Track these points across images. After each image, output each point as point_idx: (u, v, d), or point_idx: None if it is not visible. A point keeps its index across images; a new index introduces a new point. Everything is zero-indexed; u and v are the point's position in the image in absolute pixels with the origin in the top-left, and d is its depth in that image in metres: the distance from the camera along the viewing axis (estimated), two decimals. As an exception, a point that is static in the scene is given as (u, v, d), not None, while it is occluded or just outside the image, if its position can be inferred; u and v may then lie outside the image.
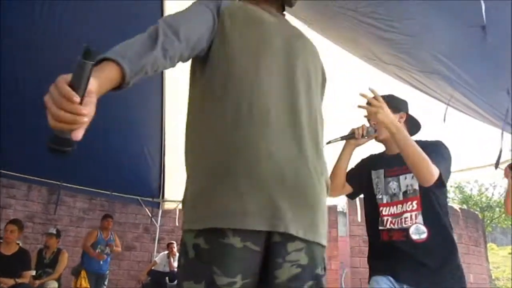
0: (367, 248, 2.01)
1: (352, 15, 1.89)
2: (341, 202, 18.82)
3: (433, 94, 2.46)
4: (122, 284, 7.38)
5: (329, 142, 1.96)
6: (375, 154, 2.12)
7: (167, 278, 6.94)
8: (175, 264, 7.81)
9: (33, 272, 4.88)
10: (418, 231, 1.82)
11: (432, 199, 1.85)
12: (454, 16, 1.69)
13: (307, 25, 2.75)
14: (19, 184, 7.39)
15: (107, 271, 5.88)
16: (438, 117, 2.43)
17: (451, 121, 2.40)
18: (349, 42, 2.59)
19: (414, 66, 2.15)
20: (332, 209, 11.79)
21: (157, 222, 6.52)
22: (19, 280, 4.44)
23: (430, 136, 1.96)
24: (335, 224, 11.12)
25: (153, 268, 7.05)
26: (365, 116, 1.87)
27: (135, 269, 7.63)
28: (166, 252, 7.66)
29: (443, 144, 1.90)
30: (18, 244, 4.75)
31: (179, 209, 5.47)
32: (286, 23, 1.35)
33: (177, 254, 7.99)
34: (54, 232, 5.46)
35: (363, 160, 2.15)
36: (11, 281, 4.37)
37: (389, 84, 2.58)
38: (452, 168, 1.90)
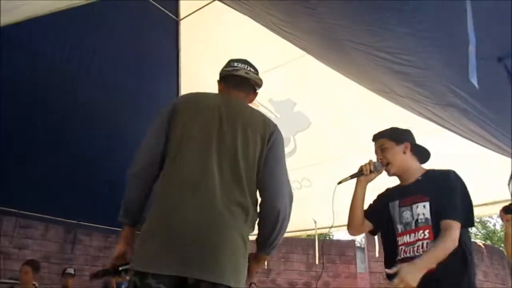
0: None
1: (365, 50, 1.90)
2: (358, 237, 18.41)
3: (449, 127, 2.42)
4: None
5: (340, 182, 2.04)
6: (391, 187, 2.14)
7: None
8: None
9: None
10: None
11: None
12: (467, 48, 1.69)
13: (318, 59, 2.79)
14: (36, 224, 7.42)
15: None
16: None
17: (471, 154, 2.36)
18: (362, 76, 2.60)
19: (429, 99, 2.14)
20: (350, 244, 11.51)
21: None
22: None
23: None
24: (353, 260, 10.84)
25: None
26: None
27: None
28: None
29: (454, 180, 1.90)
30: (34, 285, 4.71)
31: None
32: (236, 104, 1.78)
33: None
34: (73, 272, 5.44)
35: (379, 195, 2.16)
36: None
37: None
38: (474, 202, 1.87)
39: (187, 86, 4.55)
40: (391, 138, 2.06)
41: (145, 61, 4.06)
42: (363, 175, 2.06)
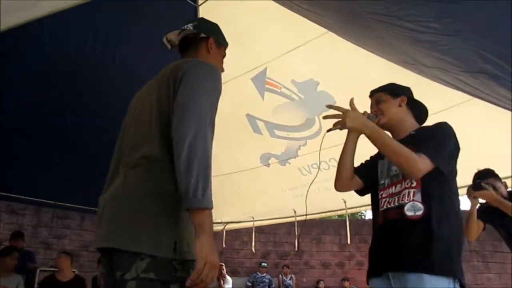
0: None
1: (386, 21, 1.84)
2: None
3: (480, 95, 2.33)
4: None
5: (329, 130, 1.94)
6: None
7: (218, 301, 6.91)
8: (225, 286, 7.75)
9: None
10: (414, 208, 1.69)
11: (433, 180, 1.71)
12: (498, 11, 1.61)
13: (339, 36, 2.72)
14: (73, 215, 7.68)
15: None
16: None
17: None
18: (386, 49, 2.53)
19: (458, 67, 2.05)
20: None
21: (205, 245, 6.55)
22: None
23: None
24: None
25: (203, 291, 7.04)
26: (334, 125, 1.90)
27: (186, 294, 7.67)
28: (216, 275, 7.59)
29: (442, 128, 1.79)
30: (73, 271, 4.90)
31: (226, 231, 5.50)
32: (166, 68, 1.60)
33: (227, 276, 7.95)
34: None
35: (372, 155, 2.08)
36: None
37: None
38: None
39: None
40: (388, 91, 1.98)
41: (165, 48, 4.05)
42: None
